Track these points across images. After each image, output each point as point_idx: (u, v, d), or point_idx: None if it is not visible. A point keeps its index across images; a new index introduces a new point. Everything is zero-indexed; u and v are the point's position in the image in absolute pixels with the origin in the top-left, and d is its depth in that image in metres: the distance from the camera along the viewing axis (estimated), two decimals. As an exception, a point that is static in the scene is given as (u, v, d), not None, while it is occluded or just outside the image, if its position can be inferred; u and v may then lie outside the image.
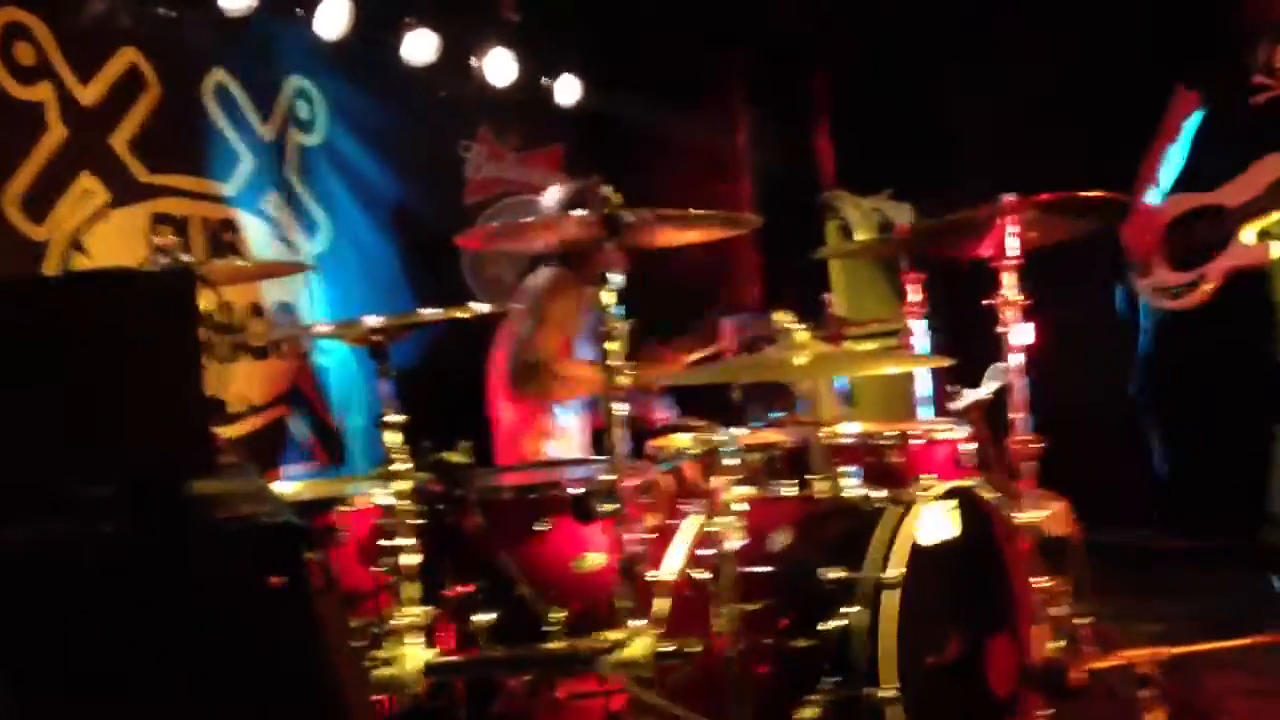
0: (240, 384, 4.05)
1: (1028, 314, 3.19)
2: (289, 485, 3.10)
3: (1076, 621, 3.03)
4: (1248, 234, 3.69)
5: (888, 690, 2.25)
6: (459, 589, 2.56)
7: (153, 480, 1.25)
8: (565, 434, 3.77)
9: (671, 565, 2.57)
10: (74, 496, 1.24)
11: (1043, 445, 3.12)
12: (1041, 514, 3.05)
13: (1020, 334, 3.14)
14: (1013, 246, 3.17)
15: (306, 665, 1.14)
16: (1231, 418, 3.85)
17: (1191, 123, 3.93)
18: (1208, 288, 3.77)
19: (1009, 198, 3.19)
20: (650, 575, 2.55)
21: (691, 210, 2.50)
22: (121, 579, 1.15)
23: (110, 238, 3.66)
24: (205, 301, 2.39)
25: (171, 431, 1.24)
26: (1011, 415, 3.11)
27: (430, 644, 2.46)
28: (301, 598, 1.13)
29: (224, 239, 4.04)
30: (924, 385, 3.44)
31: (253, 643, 1.15)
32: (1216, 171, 3.73)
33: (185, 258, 2.79)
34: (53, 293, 1.27)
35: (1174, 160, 3.96)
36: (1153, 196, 3.93)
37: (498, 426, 3.86)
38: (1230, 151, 3.80)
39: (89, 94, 3.65)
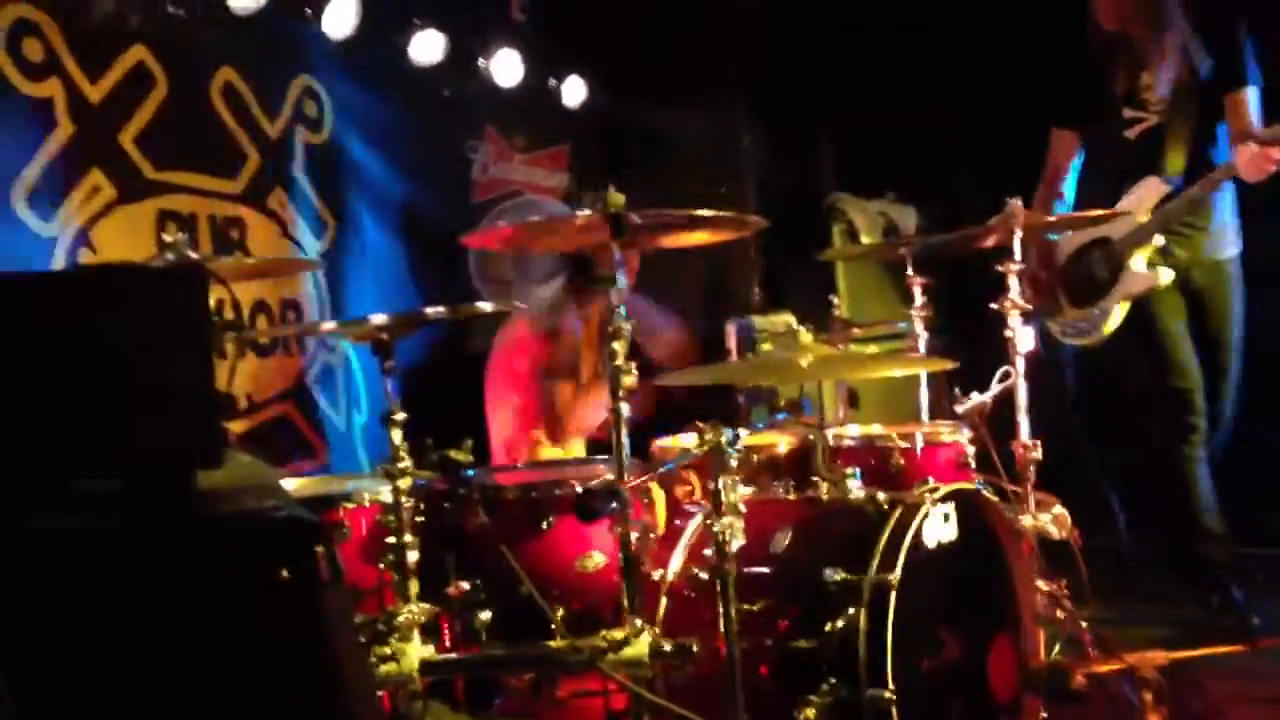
0: (244, 381, 4.06)
1: (1030, 318, 3.21)
2: (292, 482, 3.12)
3: (1077, 625, 3.04)
4: (1137, 261, 3.72)
5: (888, 692, 2.26)
6: (461, 586, 2.57)
7: (161, 474, 1.25)
8: (561, 443, 3.79)
9: (673, 565, 2.57)
10: (82, 490, 1.24)
11: (1043, 449, 3.14)
12: (1043, 518, 3.06)
13: (1024, 338, 3.16)
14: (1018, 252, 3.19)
15: (313, 659, 1.15)
16: (1152, 441, 3.90)
17: (1075, 160, 4.00)
18: (1112, 321, 3.81)
19: (1015, 203, 3.21)
20: (652, 575, 2.56)
21: (697, 211, 2.50)
22: (128, 572, 1.16)
23: (118, 234, 3.67)
24: (211, 298, 2.40)
25: (180, 426, 1.25)
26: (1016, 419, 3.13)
27: (431, 641, 2.47)
28: (309, 591, 1.13)
29: (230, 236, 4.06)
30: (928, 388, 3.45)
31: (259, 636, 1.15)
32: (1100, 205, 3.73)
33: (192, 254, 2.79)
34: (63, 287, 1.28)
35: (1064, 199, 4.02)
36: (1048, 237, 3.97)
37: (491, 433, 3.87)
38: (1110, 184, 3.83)
39: (97, 91, 3.66)
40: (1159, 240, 3.75)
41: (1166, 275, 3.72)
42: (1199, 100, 3.73)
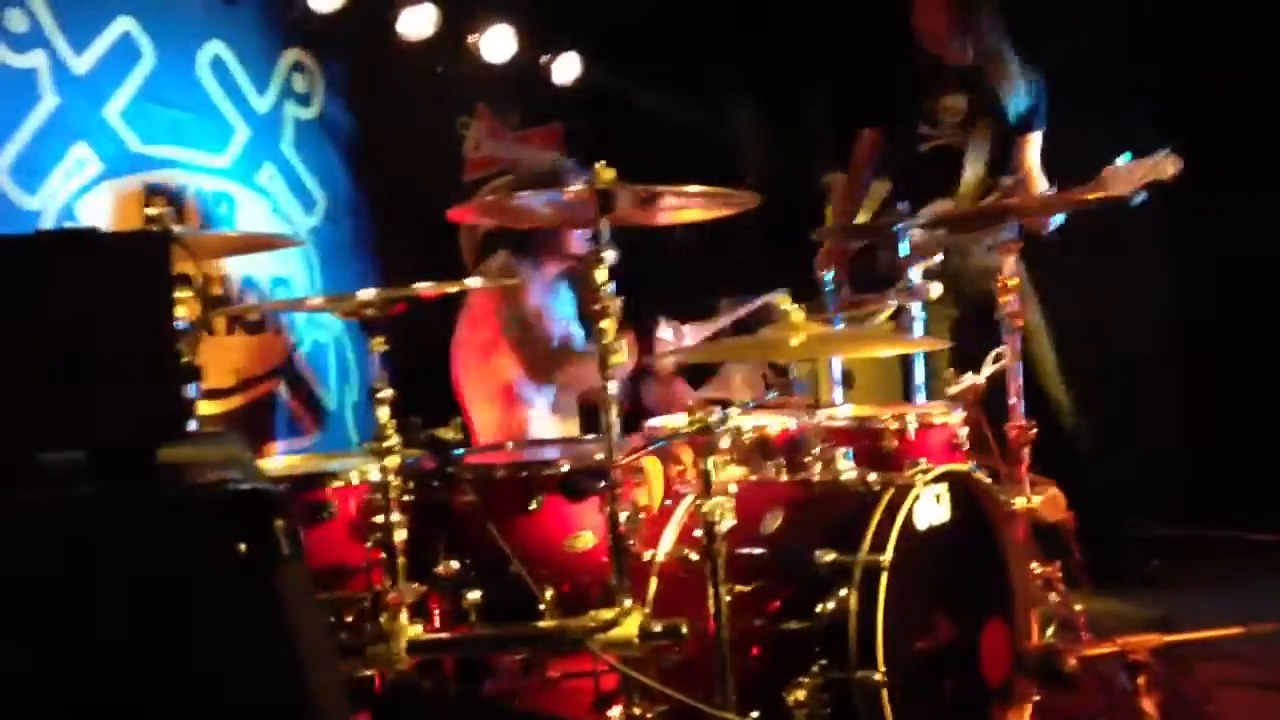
0: (233, 357, 4.03)
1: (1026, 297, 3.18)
2: (281, 460, 3.09)
3: (1071, 608, 3.02)
4: (916, 272, 3.75)
5: (879, 674, 2.24)
6: (450, 566, 2.55)
7: (121, 446, 1.22)
8: (538, 422, 3.74)
9: (664, 545, 2.55)
10: (40, 462, 1.21)
11: (1037, 430, 3.12)
12: (1036, 499, 3.04)
13: (1018, 317, 3.13)
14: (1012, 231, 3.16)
15: (270, 635, 1.12)
16: None
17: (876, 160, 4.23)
18: (882, 316, 3.85)
19: (1009, 182, 3.18)
20: (642, 555, 2.53)
21: (688, 188, 2.47)
22: (84, 544, 1.13)
23: (103, 208, 3.63)
24: (197, 273, 2.37)
25: (142, 397, 1.22)
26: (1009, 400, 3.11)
27: (420, 621, 2.45)
28: (267, 566, 1.11)
29: (219, 211, 4.01)
30: (921, 368, 3.43)
31: (215, 611, 1.13)
32: (892, 211, 3.87)
33: (176, 229, 2.76)
34: (19, 253, 1.24)
35: (864, 194, 4.27)
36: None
37: (469, 417, 3.82)
38: (899, 192, 4.03)
39: (83, 63, 3.61)
40: (939, 256, 3.80)
41: (936, 289, 3.74)
42: (991, 133, 3.95)
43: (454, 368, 3.82)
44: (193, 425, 1.61)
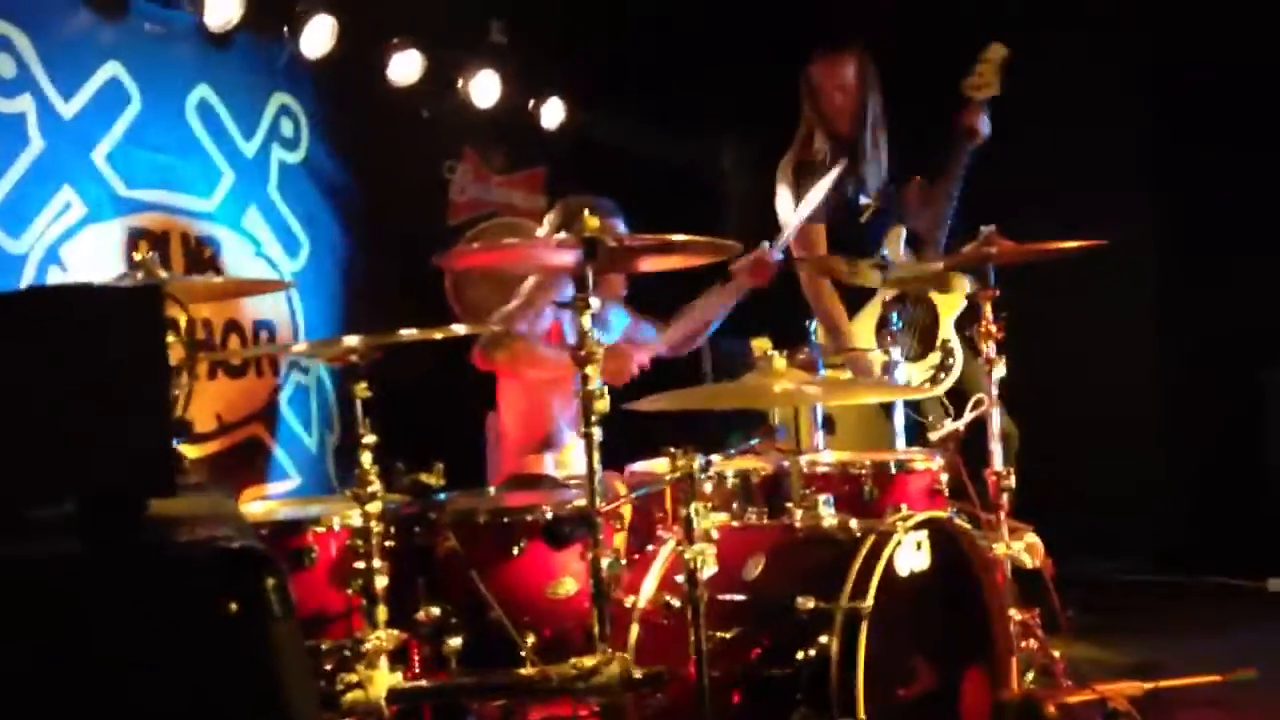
0: (216, 402, 4.02)
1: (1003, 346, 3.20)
2: (261, 505, 3.08)
3: (1050, 655, 3.03)
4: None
5: (860, 722, 2.24)
6: (430, 612, 2.54)
7: (111, 501, 1.22)
8: (569, 449, 3.72)
9: (645, 592, 2.55)
10: (30, 516, 1.21)
11: (1017, 476, 3.13)
12: (1015, 546, 3.06)
13: (999, 364, 3.16)
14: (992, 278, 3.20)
15: (260, 695, 1.12)
16: None
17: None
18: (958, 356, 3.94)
19: (990, 231, 3.22)
20: (624, 601, 2.53)
21: (672, 236, 2.49)
22: (74, 601, 1.13)
23: (88, 252, 3.63)
24: (180, 318, 2.38)
25: (132, 451, 1.22)
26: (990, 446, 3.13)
27: (400, 668, 2.44)
28: (258, 625, 1.11)
29: (204, 255, 4.02)
30: (902, 415, 3.44)
31: (205, 670, 1.13)
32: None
33: (162, 274, 2.76)
34: (12, 308, 1.25)
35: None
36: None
37: (505, 439, 3.80)
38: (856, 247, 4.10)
39: (70, 107, 3.62)
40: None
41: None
42: (899, 186, 4.24)
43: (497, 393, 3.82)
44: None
